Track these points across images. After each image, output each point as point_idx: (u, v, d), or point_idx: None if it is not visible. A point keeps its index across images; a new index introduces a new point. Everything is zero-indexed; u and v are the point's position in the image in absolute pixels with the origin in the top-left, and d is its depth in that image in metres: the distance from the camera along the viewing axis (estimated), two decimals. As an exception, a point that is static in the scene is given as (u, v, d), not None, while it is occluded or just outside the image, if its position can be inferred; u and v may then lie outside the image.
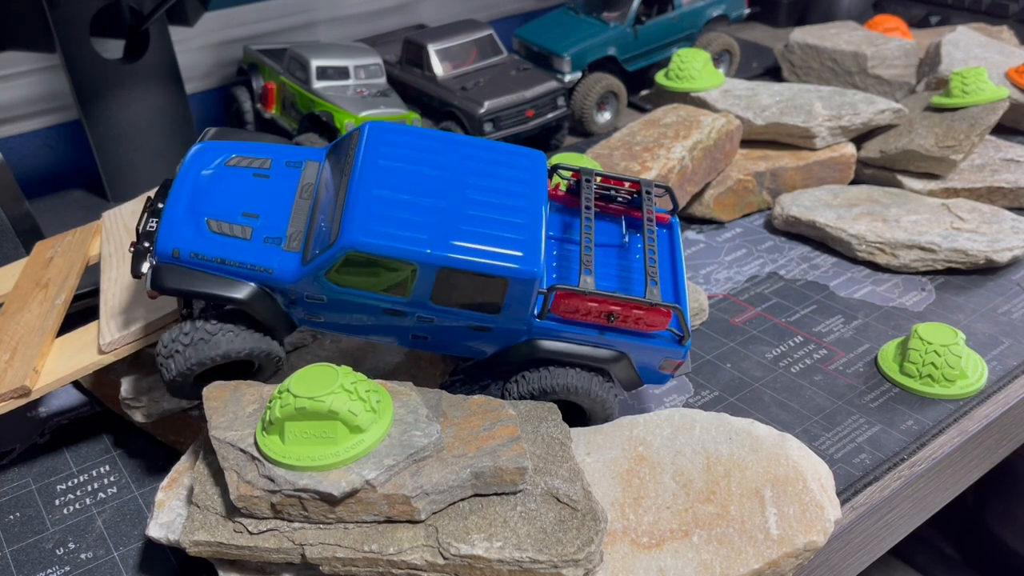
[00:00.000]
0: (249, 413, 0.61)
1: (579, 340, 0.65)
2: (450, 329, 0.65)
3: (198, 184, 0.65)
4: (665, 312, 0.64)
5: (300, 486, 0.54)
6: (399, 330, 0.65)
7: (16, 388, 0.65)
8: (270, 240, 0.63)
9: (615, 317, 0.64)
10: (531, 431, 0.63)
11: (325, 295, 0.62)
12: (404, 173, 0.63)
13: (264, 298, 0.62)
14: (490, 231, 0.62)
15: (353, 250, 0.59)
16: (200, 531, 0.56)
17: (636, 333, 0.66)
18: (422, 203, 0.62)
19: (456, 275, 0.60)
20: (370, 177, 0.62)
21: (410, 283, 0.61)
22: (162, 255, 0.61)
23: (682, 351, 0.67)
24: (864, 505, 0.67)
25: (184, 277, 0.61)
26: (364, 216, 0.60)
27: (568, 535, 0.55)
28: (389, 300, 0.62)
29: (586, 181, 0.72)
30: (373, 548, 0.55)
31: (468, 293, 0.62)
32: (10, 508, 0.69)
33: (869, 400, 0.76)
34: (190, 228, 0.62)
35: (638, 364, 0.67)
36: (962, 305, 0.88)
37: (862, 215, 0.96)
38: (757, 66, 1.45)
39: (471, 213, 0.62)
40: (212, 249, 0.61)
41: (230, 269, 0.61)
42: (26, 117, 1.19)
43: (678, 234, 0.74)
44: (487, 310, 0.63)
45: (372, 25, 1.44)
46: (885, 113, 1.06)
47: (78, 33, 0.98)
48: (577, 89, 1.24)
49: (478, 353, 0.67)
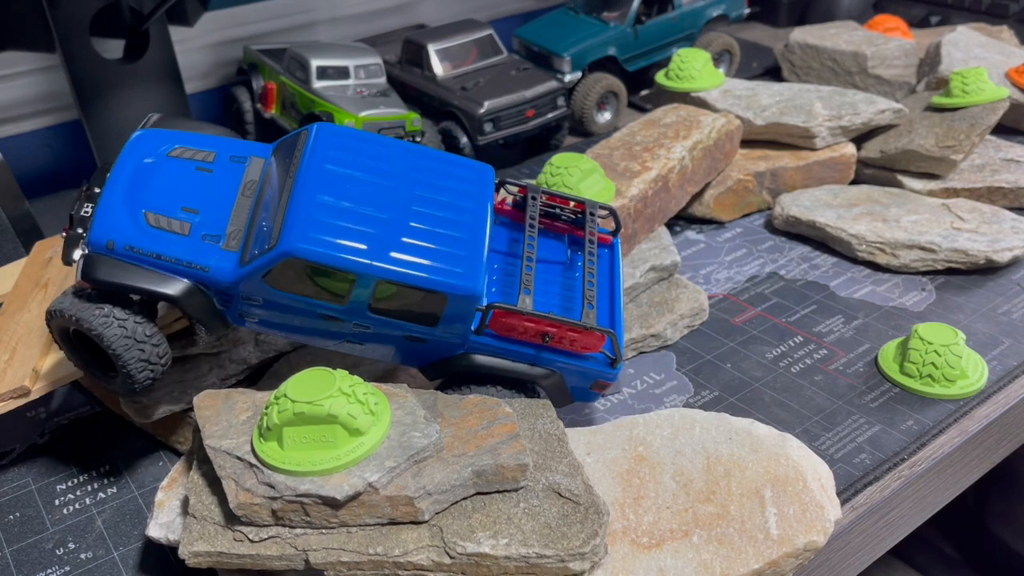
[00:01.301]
0: (243, 421, 0.60)
1: (513, 357, 0.66)
2: (386, 338, 0.64)
3: (138, 173, 0.64)
4: (599, 336, 0.65)
5: (302, 491, 0.54)
6: (335, 335, 0.64)
7: (16, 388, 0.65)
8: (208, 238, 0.62)
9: (550, 337, 0.65)
10: (527, 428, 0.63)
11: (261, 297, 0.61)
12: (349, 180, 0.63)
13: (198, 296, 0.61)
14: (432, 244, 0.61)
15: (292, 256, 0.58)
16: (199, 542, 0.56)
17: (570, 354, 0.66)
18: (365, 212, 0.61)
19: (395, 287, 0.60)
20: (314, 182, 0.61)
21: (348, 292, 0.60)
22: (95, 245, 0.60)
23: (614, 373, 0.67)
24: (864, 505, 0.67)
25: (117, 270, 0.60)
26: (305, 222, 0.59)
27: (572, 529, 0.55)
28: (326, 307, 0.61)
29: (532, 198, 0.72)
30: (378, 551, 0.55)
31: (406, 305, 0.61)
32: (10, 508, 0.69)
33: (869, 400, 0.76)
34: (127, 219, 0.61)
35: (570, 383, 0.68)
36: (962, 305, 0.88)
37: (862, 215, 0.96)
38: (757, 66, 1.45)
39: (414, 225, 0.62)
40: (148, 243, 0.60)
41: (165, 265, 0.60)
42: (26, 117, 1.19)
43: (618, 255, 0.75)
44: (424, 322, 0.63)
45: (372, 25, 1.44)
46: (885, 113, 1.06)
47: (78, 33, 0.98)
48: (577, 89, 1.24)
49: (414, 363, 0.67)
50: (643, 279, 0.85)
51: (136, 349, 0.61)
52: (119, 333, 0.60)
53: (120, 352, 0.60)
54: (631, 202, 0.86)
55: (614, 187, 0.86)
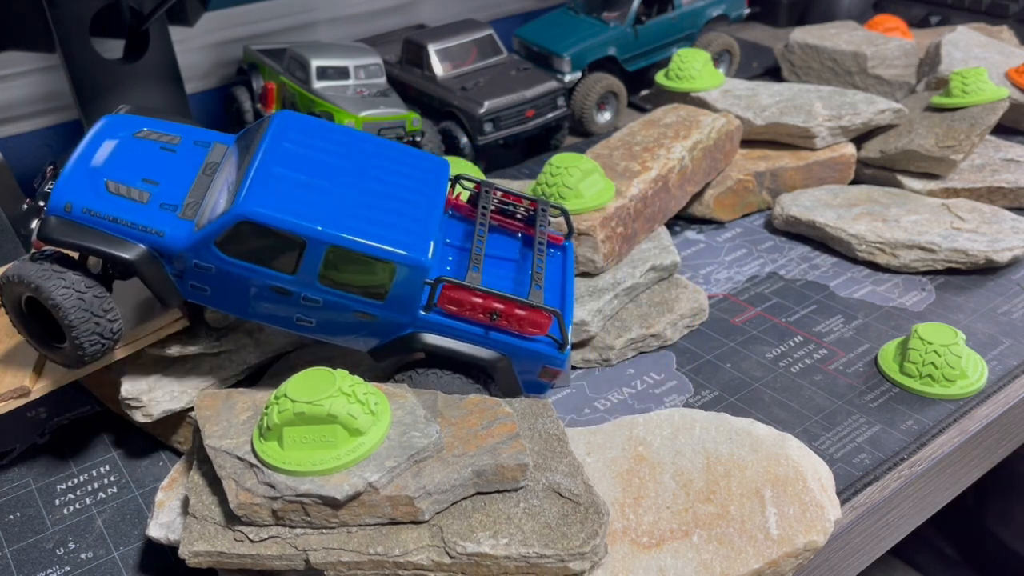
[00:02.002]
0: (243, 421, 0.60)
1: (462, 337, 0.66)
2: (335, 315, 0.65)
3: (102, 150, 0.66)
4: (546, 316, 0.66)
5: (302, 491, 0.54)
6: (285, 311, 0.65)
7: (16, 388, 0.65)
8: (166, 207, 0.63)
9: (498, 315, 0.65)
10: (527, 428, 0.63)
11: (213, 265, 0.62)
12: (307, 158, 0.65)
13: (153, 263, 0.62)
14: (384, 218, 0.63)
15: (245, 219, 0.59)
16: (199, 542, 0.56)
17: (517, 335, 0.67)
18: (320, 185, 0.63)
19: (345, 255, 0.61)
20: (273, 157, 0.64)
21: (299, 260, 0.61)
22: (54, 208, 0.61)
23: (561, 359, 0.68)
24: (864, 505, 0.67)
25: (74, 231, 0.61)
26: (261, 189, 0.61)
27: (572, 529, 0.56)
28: (276, 276, 0.62)
29: (485, 192, 0.74)
30: (378, 550, 0.55)
31: (355, 276, 0.62)
32: (10, 508, 0.69)
33: (869, 400, 0.76)
34: (87, 186, 0.63)
35: (519, 369, 0.68)
36: (962, 305, 0.88)
37: (862, 215, 0.96)
38: (757, 66, 1.45)
39: (367, 201, 0.64)
40: (106, 207, 0.62)
41: (122, 229, 0.61)
42: (26, 117, 1.19)
43: (571, 257, 0.76)
44: (373, 295, 0.63)
45: (372, 25, 1.44)
46: (885, 113, 1.06)
47: (78, 33, 0.98)
48: (577, 89, 1.24)
49: (363, 345, 0.67)
50: (643, 279, 0.85)
51: (92, 322, 0.61)
52: (77, 305, 0.60)
53: (76, 323, 0.60)
54: (631, 202, 0.86)
55: (614, 187, 0.86)
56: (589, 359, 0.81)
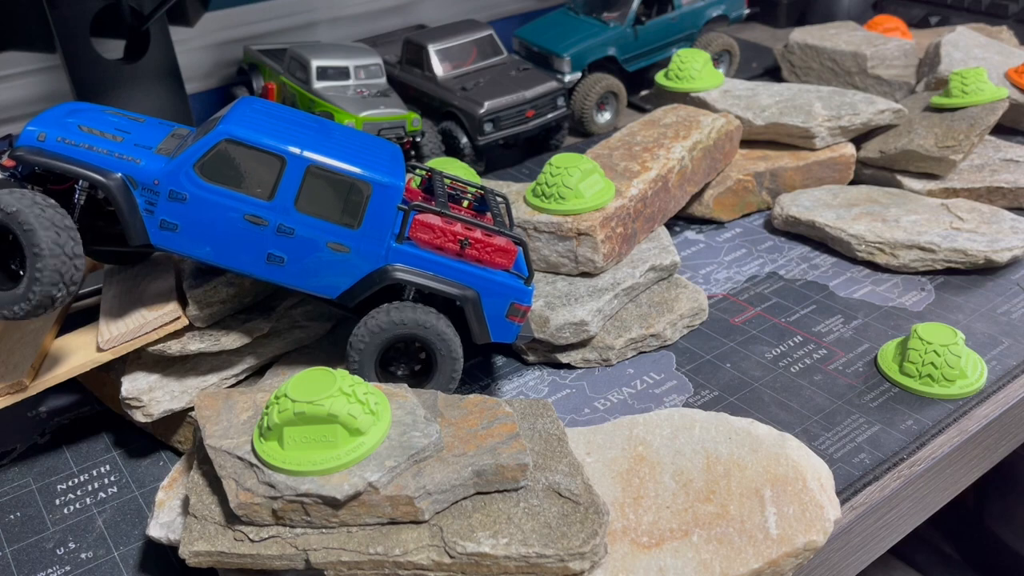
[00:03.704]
0: (243, 421, 0.61)
1: (433, 270, 0.68)
2: (308, 249, 0.66)
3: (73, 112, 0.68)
4: (512, 248, 0.68)
5: (302, 491, 0.54)
6: (257, 247, 0.65)
7: (12, 384, 0.65)
8: (140, 146, 0.65)
9: (468, 243, 0.67)
10: (528, 428, 0.63)
11: (189, 192, 0.63)
12: (276, 117, 0.68)
13: (126, 192, 0.62)
14: (357, 156, 0.66)
15: (229, 137, 0.62)
16: (199, 541, 0.56)
17: (485, 269, 0.69)
18: (294, 129, 0.66)
19: (322, 179, 0.64)
20: (242, 114, 0.66)
21: (276, 183, 0.63)
22: (26, 136, 0.62)
23: (527, 293, 0.70)
24: (864, 505, 0.67)
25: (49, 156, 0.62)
26: (240, 118, 0.65)
27: (572, 529, 0.56)
28: (252, 203, 0.63)
29: (438, 178, 0.77)
30: (378, 550, 0.55)
31: (331, 202, 0.64)
32: (10, 508, 0.69)
33: (869, 400, 0.76)
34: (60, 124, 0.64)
35: (487, 308, 0.69)
36: (961, 305, 0.88)
37: (862, 215, 0.96)
38: (757, 66, 1.45)
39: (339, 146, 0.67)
40: (81, 138, 0.63)
41: (97, 155, 0.62)
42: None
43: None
44: (347, 223, 0.65)
45: (372, 25, 1.44)
46: (885, 113, 1.07)
47: (78, 33, 0.98)
48: (577, 89, 1.24)
49: (333, 287, 0.68)
50: (643, 279, 0.85)
51: (61, 258, 0.59)
52: (52, 238, 0.58)
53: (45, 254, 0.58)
54: (631, 202, 0.86)
55: (614, 187, 0.87)
56: (589, 359, 0.81)
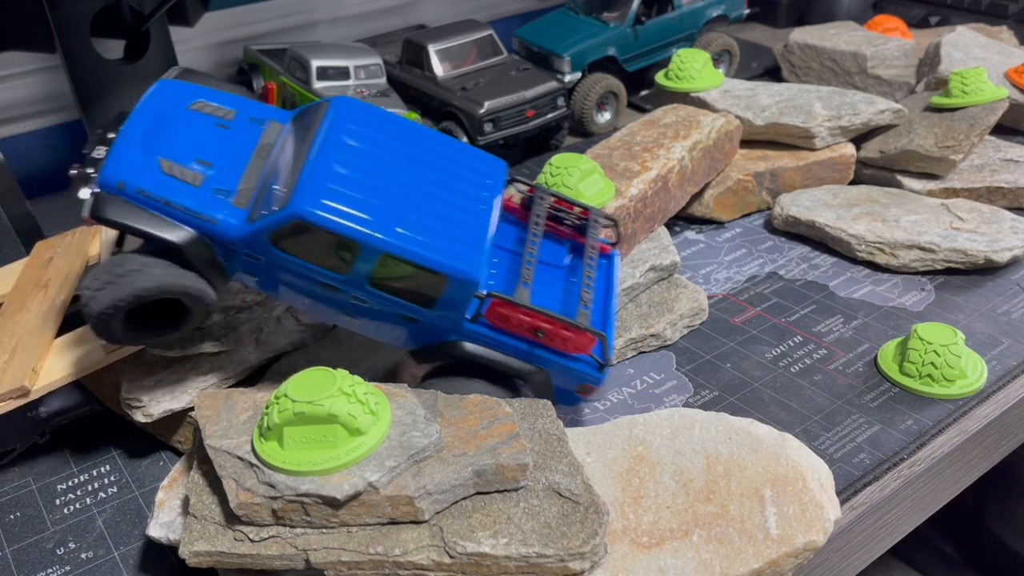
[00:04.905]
0: (243, 421, 0.61)
1: (504, 349, 0.66)
2: (381, 314, 0.64)
3: (156, 121, 0.64)
4: (591, 338, 0.65)
5: (302, 491, 0.54)
6: (330, 304, 0.64)
7: (15, 388, 0.65)
8: (219, 192, 0.62)
9: (543, 334, 0.65)
10: (528, 428, 0.63)
11: (264, 257, 0.61)
12: (365, 153, 0.63)
13: (202, 246, 0.61)
14: (439, 226, 0.62)
15: (301, 219, 0.59)
16: (199, 541, 0.56)
17: (560, 353, 0.66)
18: (377, 186, 0.62)
19: (399, 263, 0.61)
20: (331, 151, 0.62)
21: (351, 262, 0.61)
22: (106, 185, 0.60)
23: (600, 378, 0.68)
24: (864, 505, 0.67)
25: (126, 211, 0.60)
26: (318, 188, 0.60)
27: (572, 529, 0.56)
28: (327, 275, 0.62)
29: (539, 198, 0.74)
30: (378, 550, 0.55)
31: (406, 284, 0.62)
32: (10, 508, 0.69)
33: (869, 400, 0.76)
34: (140, 163, 0.61)
35: (555, 383, 0.68)
36: (961, 305, 0.88)
37: (862, 215, 0.96)
38: (757, 66, 1.45)
39: (424, 205, 0.63)
40: (160, 189, 0.60)
41: (174, 213, 0.60)
42: (26, 117, 1.19)
43: (616, 266, 0.76)
44: (422, 303, 0.63)
45: (372, 25, 1.44)
46: (885, 113, 1.07)
47: (78, 33, 0.98)
48: (577, 89, 1.24)
49: (401, 344, 0.67)
50: (643, 279, 0.85)
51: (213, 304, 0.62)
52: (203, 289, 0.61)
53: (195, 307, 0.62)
54: (631, 202, 0.86)
55: (614, 187, 0.86)
56: (589, 359, 0.81)
